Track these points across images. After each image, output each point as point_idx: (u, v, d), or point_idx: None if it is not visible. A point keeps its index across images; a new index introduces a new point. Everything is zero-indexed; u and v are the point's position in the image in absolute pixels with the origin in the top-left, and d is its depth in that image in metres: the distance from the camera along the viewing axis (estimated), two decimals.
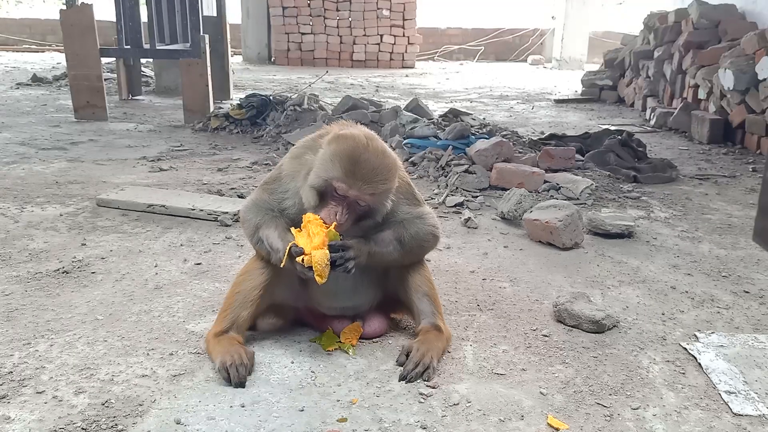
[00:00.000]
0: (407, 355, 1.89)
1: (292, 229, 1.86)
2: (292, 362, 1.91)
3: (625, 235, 3.18)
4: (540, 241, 3.10)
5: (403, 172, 2.04)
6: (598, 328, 2.16)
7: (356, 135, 1.84)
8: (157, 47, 6.41)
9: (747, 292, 2.56)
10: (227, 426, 1.59)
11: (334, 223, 1.82)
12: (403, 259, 1.99)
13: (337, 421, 1.62)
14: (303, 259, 1.77)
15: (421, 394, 1.75)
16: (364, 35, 13.04)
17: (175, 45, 6.66)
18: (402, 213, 1.98)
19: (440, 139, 4.85)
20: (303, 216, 1.84)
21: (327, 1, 12.80)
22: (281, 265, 1.84)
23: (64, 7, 5.97)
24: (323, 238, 1.79)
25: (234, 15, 12.29)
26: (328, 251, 1.77)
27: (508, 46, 15.36)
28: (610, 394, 1.78)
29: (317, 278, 1.77)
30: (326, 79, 10.20)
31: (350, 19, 12.99)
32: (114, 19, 6.61)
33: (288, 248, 1.80)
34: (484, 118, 6.26)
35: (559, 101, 8.74)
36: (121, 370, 1.83)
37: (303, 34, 12.96)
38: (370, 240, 1.91)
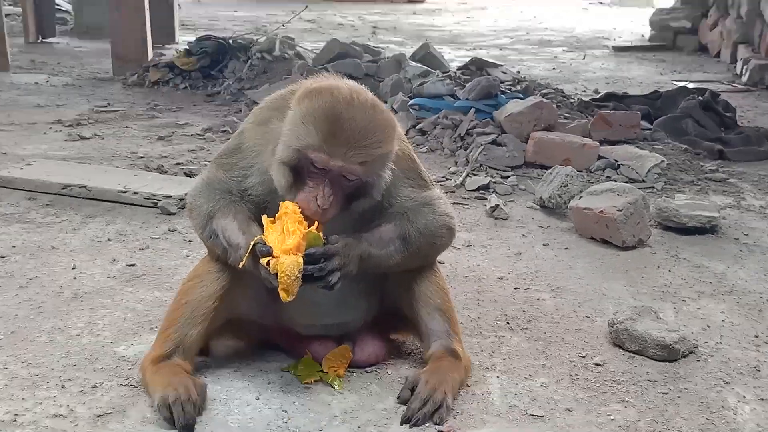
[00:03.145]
0: (413, 390, 1.90)
1: (263, 218, 1.85)
2: (258, 398, 1.90)
3: (706, 230, 3.17)
4: (592, 238, 3.09)
5: (404, 141, 2.04)
6: (668, 354, 2.16)
7: (335, 87, 1.83)
8: None
9: None
10: None
11: (317, 222, 1.81)
12: (407, 262, 1.99)
13: None
14: (269, 263, 1.75)
15: None
16: None
17: None
18: (404, 198, 1.99)
19: (459, 98, 4.81)
20: (280, 203, 1.83)
21: None
22: (239, 266, 1.84)
23: None
24: (298, 240, 1.76)
25: None
26: (301, 260, 1.75)
27: None
28: None
29: (282, 293, 1.75)
30: (305, 16, 10.02)
31: None
32: None
33: (252, 244, 1.80)
34: (518, 72, 6.22)
35: (619, 49, 8.67)
36: (27, 408, 1.81)
37: None
38: (363, 239, 1.90)
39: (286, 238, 1.77)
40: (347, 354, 2.04)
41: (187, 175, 3.66)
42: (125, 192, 3.34)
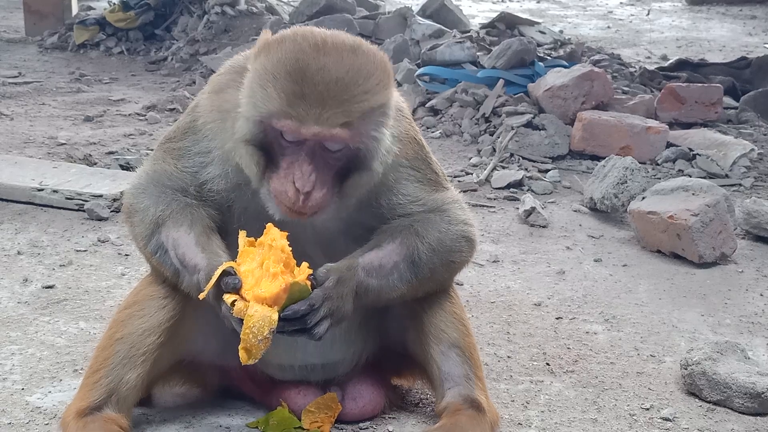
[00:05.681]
0: None
1: (241, 236, 1.79)
2: None
3: None
4: (659, 251, 3.04)
5: (408, 120, 1.98)
6: (759, 406, 2.14)
7: (302, 33, 1.78)
8: None
9: None
10: None
11: (308, 271, 1.74)
12: (416, 291, 1.97)
13: None
14: (235, 304, 1.70)
15: None
16: None
17: None
18: (408, 199, 1.97)
19: (483, 67, 4.79)
20: (266, 227, 1.78)
21: None
22: (199, 297, 1.79)
23: None
24: (278, 290, 1.70)
25: None
26: (276, 317, 1.69)
27: None
28: None
29: (241, 353, 1.69)
30: None
31: None
32: None
33: (218, 272, 1.74)
34: (560, 31, 6.18)
35: (695, 0, 8.77)
36: None
37: None
38: (359, 267, 1.85)
39: (263, 279, 1.73)
40: (334, 405, 2.04)
41: (124, 168, 3.60)
42: (41, 190, 3.31)
